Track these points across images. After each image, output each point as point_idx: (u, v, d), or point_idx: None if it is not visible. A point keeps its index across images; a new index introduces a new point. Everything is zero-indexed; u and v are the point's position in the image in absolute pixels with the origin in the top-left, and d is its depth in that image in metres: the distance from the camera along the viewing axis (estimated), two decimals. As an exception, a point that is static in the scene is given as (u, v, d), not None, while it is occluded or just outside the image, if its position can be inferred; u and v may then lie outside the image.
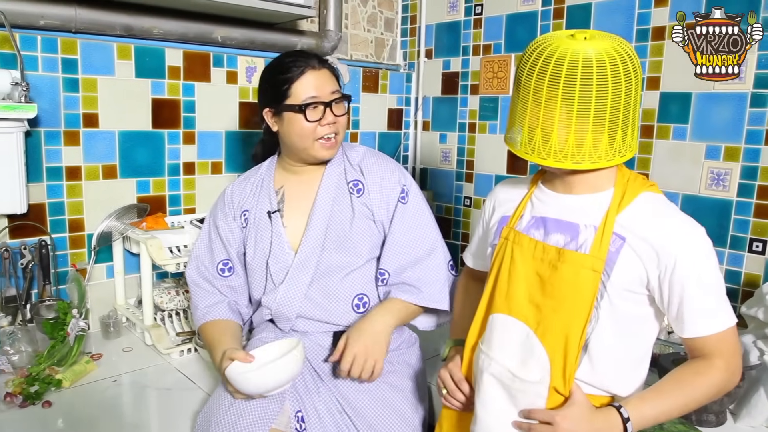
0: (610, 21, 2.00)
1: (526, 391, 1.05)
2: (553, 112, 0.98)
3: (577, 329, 1.02)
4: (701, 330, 1.01)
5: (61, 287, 1.81)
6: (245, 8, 1.90)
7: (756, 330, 1.49)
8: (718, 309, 1.02)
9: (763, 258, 1.73)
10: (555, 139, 0.99)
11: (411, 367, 1.47)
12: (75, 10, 1.73)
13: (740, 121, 1.74)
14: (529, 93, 0.99)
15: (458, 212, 2.56)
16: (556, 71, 0.96)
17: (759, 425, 1.37)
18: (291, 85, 1.39)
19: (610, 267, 1.02)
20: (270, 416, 1.23)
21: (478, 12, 2.40)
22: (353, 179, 1.48)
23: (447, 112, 2.56)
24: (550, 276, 1.05)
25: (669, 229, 1.02)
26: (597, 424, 0.99)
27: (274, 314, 1.46)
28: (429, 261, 1.46)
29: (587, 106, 0.96)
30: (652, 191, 1.08)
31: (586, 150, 0.99)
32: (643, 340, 1.09)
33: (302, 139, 1.41)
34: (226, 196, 1.55)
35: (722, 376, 1.02)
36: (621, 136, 1.00)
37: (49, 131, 1.75)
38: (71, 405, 1.42)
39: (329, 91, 1.40)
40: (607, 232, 1.02)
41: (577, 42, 0.97)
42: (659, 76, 1.90)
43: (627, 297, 1.04)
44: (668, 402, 1.01)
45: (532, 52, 1.00)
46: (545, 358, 1.04)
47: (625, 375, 1.07)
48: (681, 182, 1.87)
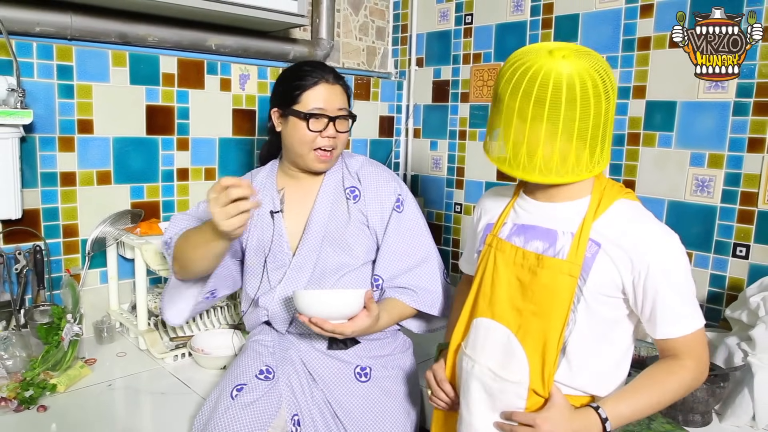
0: (597, 31, 2.05)
1: (506, 392, 1.08)
2: (538, 131, 1.00)
3: (555, 332, 1.06)
4: (672, 332, 1.05)
5: (55, 292, 1.81)
6: (239, 17, 1.92)
7: (740, 332, 1.52)
8: (688, 312, 1.06)
9: (747, 262, 1.77)
10: (540, 155, 1.02)
11: (404, 371, 1.49)
12: (70, 17, 1.74)
13: (723, 129, 1.79)
14: (513, 112, 1.01)
15: (449, 218, 2.58)
16: (541, 94, 0.97)
17: (743, 425, 1.41)
18: (303, 92, 1.44)
19: (586, 272, 1.05)
20: (266, 420, 1.24)
21: (469, 21, 2.44)
22: (350, 186, 1.52)
23: (437, 119, 2.59)
24: (530, 281, 1.09)
25: (643, 236, 1.05)
26: (576, 425, 1.02)
27: (271, 315, 1.48)
28: (423, 268, 1.50)
29: (571, 125, 0.99)
30: (628, 198, 1.11)
31: (570, 165, 1.02)
32: (620, 343, 1.12)
33: (301, 146, 1.44)
34: None
35: (692, 375, 1.06)
36: (600, 149, 1.03)
37: (44, 137, 1.76)
38: (66, 409, 1.43)
39: (337, 107, 1.45)
40: (584, 239, 1.06)
41: (556, 61, 0.98)
42: (645, 85, 1.94)
43: (603, 301, 1.07)
44: (643, 400, 1.05)
45: (515, 71, 1.00)
46: (525, 361, 1.07)
47: (603, 377, 1.10)
48: (666, 189, 1.91)
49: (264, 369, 1.36)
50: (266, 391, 1.31)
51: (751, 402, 1.38)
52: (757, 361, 1.40)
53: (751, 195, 1.74)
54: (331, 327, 1.29)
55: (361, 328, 1.31)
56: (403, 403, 1.42)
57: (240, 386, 1.31)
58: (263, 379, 1.34)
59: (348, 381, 1.40)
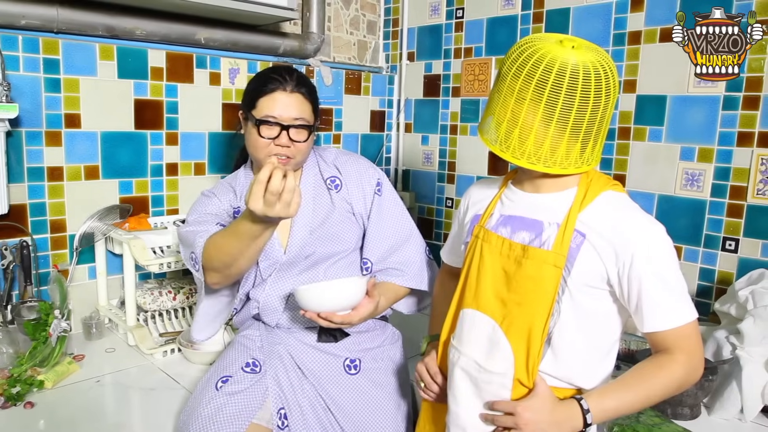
0: (587, 25, 2.05)
1: (491, 383, 1.08)
2: (534, 116, 1.00)
3: (539, 323, 1.05)
4: (659, 324, 1.04)
5: (42, 288, 1.80)
6: (228, 10, 1.91)
7: (728, 326, 1.53)
8: (676, 304, 1.04)
9: (736, 256, 1.77)
10: (531, 141, 1.01)
11: (394, 363, 1.49)
12: (56, 10, 1.72)
13: (713, 124, 1.79)
14: (513, 93, 1.01)
15: (440, 213, 2.58)
16: (544, 77, 0.97)
17: (732, 417, 1.41)
18: (258, 98, 1.42)
19: (570, 263, 1.05)
20: (250, 411, 1.24)
21: (460, 15, 2.43)
22: (330, 176, 1.52)
23: (429, 114, 2.59)
24: (515, 272, 1.08)
25: (627, 226, 1.04)
26: (558, 414, 1.02)
27: (262, 308, 1.48)
28: (408, 246, 1.54)
29: (567, 114, 0.98)
30: (615, 190, 1.11)
31: (559, 156, 1.02)
32: (606, 334, 1.11)
33: (256, 151, 1.43)
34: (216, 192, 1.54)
35: (683, 370, 1.04)
36: (591, 147, 1.03)
37: (31, 131, 1.74)
38: (53, 406, 1.42)
39: (292, 116, 1.41)
40: (569, 229, 1.05)
41: (565, 50, 0.99)
42: (635, 79, 1.94)
43: (587, 292, 1.06)
44: (630, 395, 1.03)
45: (521, 53, 1.01)
46: (509, 351, 1.07)
47: (589, 368, 1.10)
48: (657, 183, 1.92)
49: (251, 362, 1.36)
50: (252, 383, 1.31)
51: (739, 395, 1.39)
52: (746, 355, 1.41)
53: (741, 189, 1.75)
54: (340, 319, 1.29)
55: (366, 315, 1.32)
56: (394, 395, 1.42)
57: (225, 378, 1.31)
58: (249, 372, 1.33)
59: (338, 374, 1.40)
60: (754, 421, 1.41)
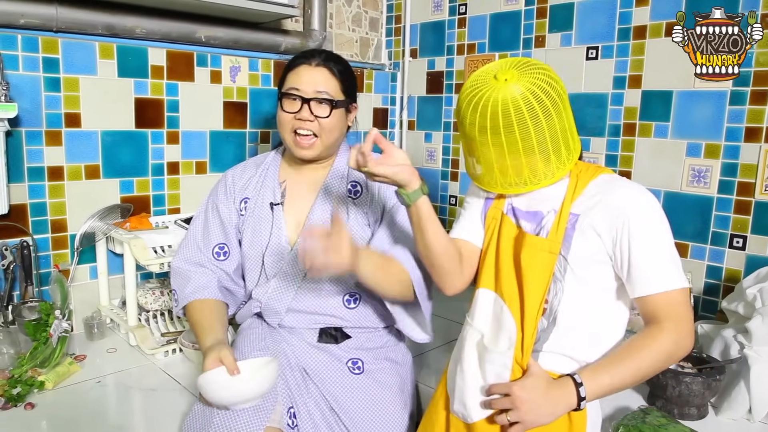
0: (592, 20, 2.02)
1: (494, 362, 1.13)
2: (503, 155, 1.08)
3: (532, 306, 1.11)
4: (648, 288, 1.06)
5: (43, 288, 1.79)
6: (229, 7, 1.89)
7: (736, 324, 1.51)
8: (666, 269, 1.07)
9: (744, 253, 1.75)
10: (511, 173, 1.10)
11: (398, 364, 1.48)
12: (56, 8, 1.71)
13: (720, 119, 1.76)
14: (475, 142, 1.09)
15: (444, 211, 2.56)
16: (482, 121, 1.05)
17: (740, 418, 1.39)
18: (286, 74, 1.45)
19: (568, 242, 1.10)
20: (265, 414, 1.22)
21: (462, 11, 2.41)
22: (353, 180, 1.49)
23: (432, 111, 2.57)
24: (517, 257, 1.15)
25: (617, 196, 1.10)
26: (552, 392, 1.05)
27: (264, 308, 1.47)
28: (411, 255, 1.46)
29: (515, 144, 1.05)
30: (603, 173, 1.16)
31: (541, 174, 1.10)
32: (613, 310, 1.15)
33: (281, 127, 1.44)
34: (227, 180, 1.55)
35: (671, 338, 1.06)
36: (555, 156, 1.08)
37: (31, 131, 1.73)
38: (54, 407, 1.41)
39: (314, 89, 1.40)
40: (564, 217, 1.12)
41: (498, 85, 1.04)
42: (641, 75, 1.92)
43: (589, 267, 1.11)
44: (621, 368, 1.06)
45: (467, 103, 1.08)
46: (514, 330, 1.12)
47: (596, 345, 1.13)
48: (663, 179, 1.89)
49: None
50: None
51: (747, 395, 1.37)
52: (754, 354, 1.38)
53: (748, 185, 1.72)
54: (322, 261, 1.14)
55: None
56: (398, 396, 1.40)
57: None
58: None
59: (341, 374, 1.38)
60: (763, 421, 1.39)
